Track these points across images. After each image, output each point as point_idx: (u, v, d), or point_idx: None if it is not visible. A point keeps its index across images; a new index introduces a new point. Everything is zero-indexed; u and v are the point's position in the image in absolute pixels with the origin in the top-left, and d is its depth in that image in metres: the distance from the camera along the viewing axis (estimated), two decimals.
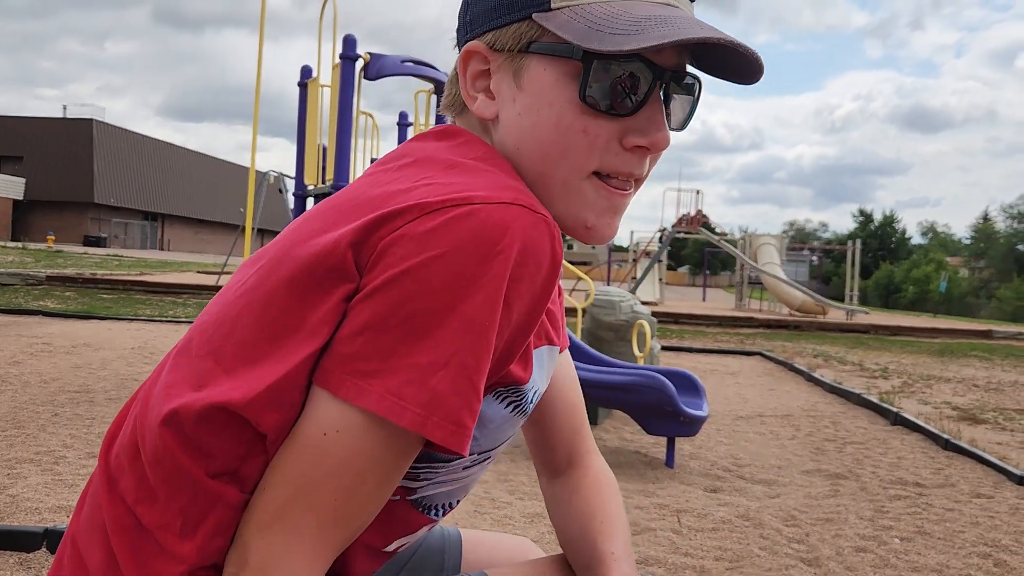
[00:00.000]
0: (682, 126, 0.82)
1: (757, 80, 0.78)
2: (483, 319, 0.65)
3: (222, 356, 0.70)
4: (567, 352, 1.03)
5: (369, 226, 0.66)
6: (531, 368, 0.80)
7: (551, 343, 0.88)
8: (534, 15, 0.74)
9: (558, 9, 0.74)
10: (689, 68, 0.79)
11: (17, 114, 43.20)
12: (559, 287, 0.98)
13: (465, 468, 0.84)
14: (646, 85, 0.74)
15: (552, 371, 0.90)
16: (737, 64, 0.76)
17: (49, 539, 2.36)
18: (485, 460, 0.86)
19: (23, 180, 39.35)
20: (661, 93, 0.76)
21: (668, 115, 0.77)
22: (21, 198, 39.00)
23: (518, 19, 0.75)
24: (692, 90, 0.80)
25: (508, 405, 0.80)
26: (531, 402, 0.83)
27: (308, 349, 0.67)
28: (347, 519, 0.68)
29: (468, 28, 0.80)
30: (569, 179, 0.76)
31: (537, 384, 0.84)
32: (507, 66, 0.77)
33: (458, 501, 0.91)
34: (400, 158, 0.79)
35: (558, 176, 0.76)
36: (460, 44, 0.82)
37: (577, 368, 4.15)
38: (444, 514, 0.90)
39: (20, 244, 28.15)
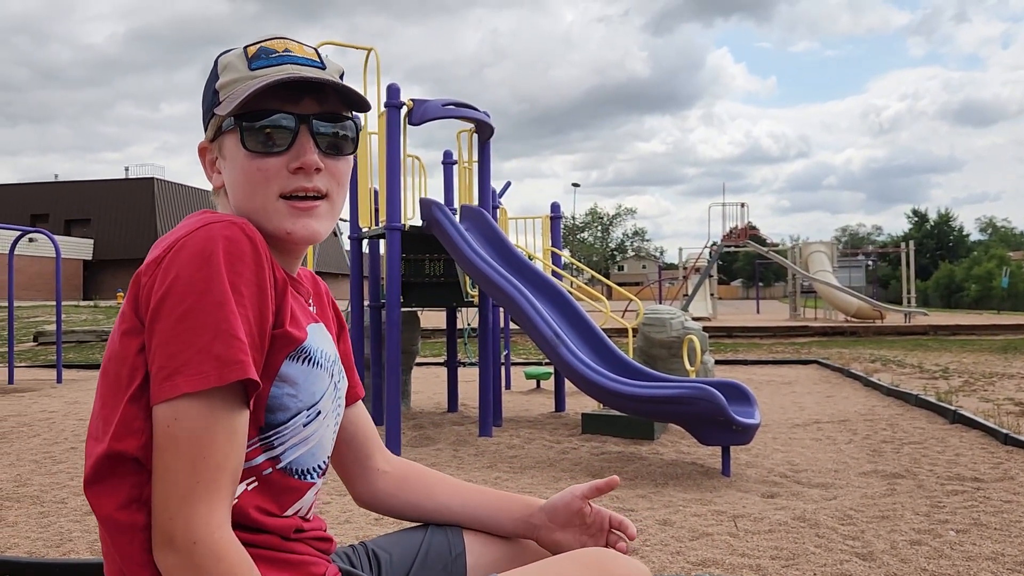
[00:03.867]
0: (339, 149, 1.10)
1: (365, 107, 1.12)
2: (222, 298, 0.94)
3: (99, 414, 1.01)
4: (361, 403, 1.35)
5: (133, 285, 0.98)
6: (305, 332, 1.08)
7: (318, 322, 1.16)
8: (215, 111, 1.09)
9: (223, 101, 1.07)
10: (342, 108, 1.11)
11: (82, 179, 45.05)
12: (329, 298, 1.29)
13: (305, 426, 1.07)
14: (290, 130, 1.05)
15: (330, 343, 1.16)
16: (354, 98, 1.10)
17: None
18: (318, 415, 1.09)
19: (91, 241, 41.01)
20: (309, 130, 1.07)
21: (319, 144, 1.07)
22: (91, 258, 40.62)
23: (210, 117, 1.11)
24: (338, 121, 1.10)
25: (302, 362, 1.06)
26: (323, 357, 1.10)
27: (134, 385, 0.96)
28: (219, 473, 0.94)
29: (203, 127, 1.15)
30: (265, 204, 1.06)
31: (320, 345, 1.10)
32: (217, 148, 1.12)
33: (325, 461, 1.15)
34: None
35: (256, 205, 1.07)
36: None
37: (628, 385, 4.31)
38: (320, 475, 1.14)
39: (92, 302, 29.31)
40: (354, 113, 1.14)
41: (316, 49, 1.13)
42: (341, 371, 1.19)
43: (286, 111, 1.06)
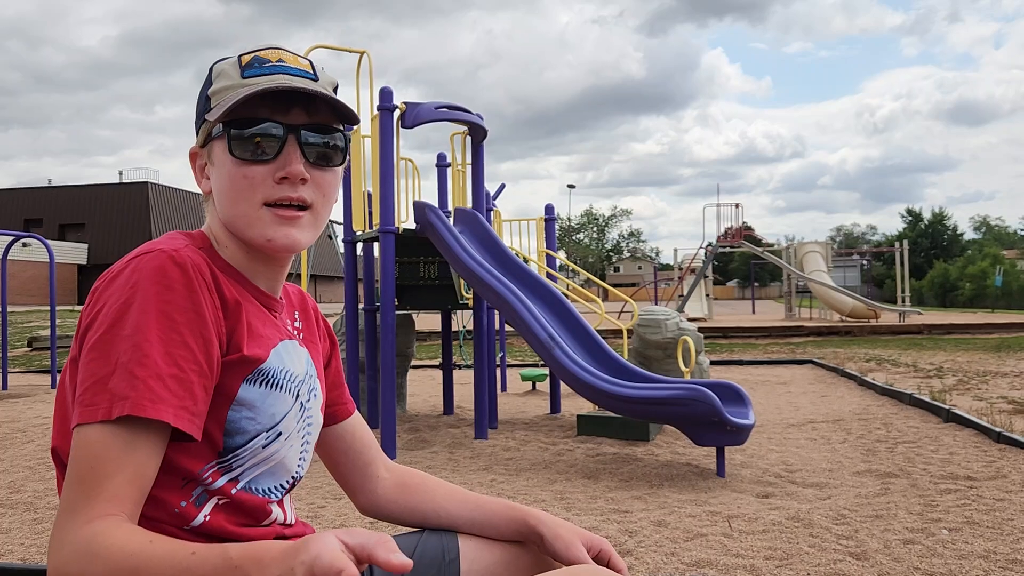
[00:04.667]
0: (327, 160, 1.10)
1: (354, 121, 1.12)
2: (133, 330, 0.94)
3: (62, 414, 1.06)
4: (358, 414, 1.36)
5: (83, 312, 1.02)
6: (267, 351, 1.08)
7: (291, 338, 1.16)
8: (206, 116, 1.09)
9: (214, 107, 1.08)
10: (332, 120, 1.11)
11: (76, 183, 45.03)
12: (318, 315, 1.29)
13: (265, 447, 1.07)
14: (278, 139, 1.06)
15: (303, 361, 1.16)
16: (344, 112, 1.10)
17: None
18: (278, 436, 1.08)
19: (85, 246, 40.94)
20: (297, 140, 1.07)
21: (306, 154, 1.08)
22: (85, 263, 40.55)
23: (202, 122, 1.11)
24: (327, 132, 1.10)
25: (261, 385, 1.06)
26: (286, 378, 1.10)
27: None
28: (115, 491, 0.91)
29: (196, 132, 1.15)
30: (248, 211, 1.07)
31: (286, 365, 1.10)
32: (207, 154, 1.12)
33: (288, 481, 1.15)
34: None
35: (240, 211, 1.07)
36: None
37: (623, 386, 4.31)
38: (284, 494, 1.14)
39: None
40: (344, 126, 1.14)
41: (311, 61, 1.13)
42: (312, 389, 1.17)
43: (275, 120, 1.06)
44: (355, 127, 6.03)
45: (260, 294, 1.13)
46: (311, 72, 1.11)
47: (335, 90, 1.14)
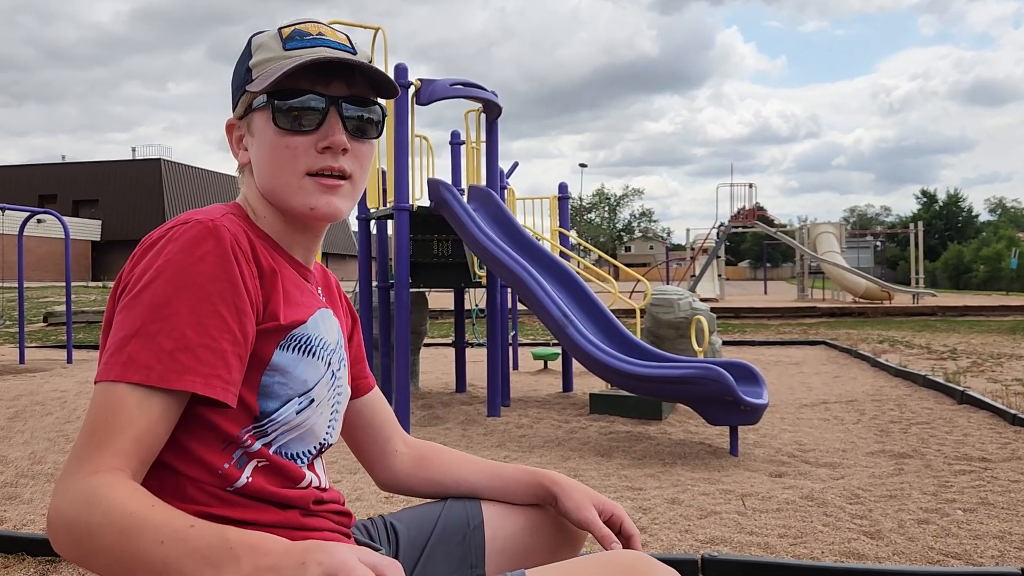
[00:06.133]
0: (364, 132, 1.12)
1: (393, 93, 1.13)
2: (171, 299, 0.96)
3: None
4: (377, 390, 1.38)
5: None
6: (305, 315, 1.10)
7: (325, 307, 1.17)
8: (247, 88, 1.10)
9: (256, 79, 1.09)
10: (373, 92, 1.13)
11: (90, 159, 45.14)
12: (340, 292, 1.31)
13: (298, 413, 1.08)
14: (320, 110, 1.07)
15: (334, 330, 1.17)
16: (383, 83, 1.12)
17: None
18: (311, 403, 1.10)
19: (99, 222, 41.13)
20: (338, 112, 1.08)
21: (346, 126, 1.09)
22: (99, 239, 40.76)
23: (241, 94, 1.12)
24: (366, 105, 1.12)
25: (294, 351, 1.07)
26: (320, 345, 1.11)
27: None
28: (123, 447, 0.93)
29: (232, 105, 1.17)
30: (291, 181, 1.08)
31: (320, 333, 1.12)
32: (246, 125, 1.13)
33: (316, 447, 1.15)
34: None
35: (282, 181, 1.09)
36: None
37: (636, 365, 4.32)
38: (314, 458, 1.15)
39: (100, 283, 29.43)
40: (380, 100, 1.15)
41: (348, 35, 1.14)
42: (342, 359, 1.19)
43: (317, 92, 1.08)
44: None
45: (296, 264, 1.15)
46: (349, 46, 1.12)
47: (370, 63, 1.14)
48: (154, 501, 0.89)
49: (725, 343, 10.44)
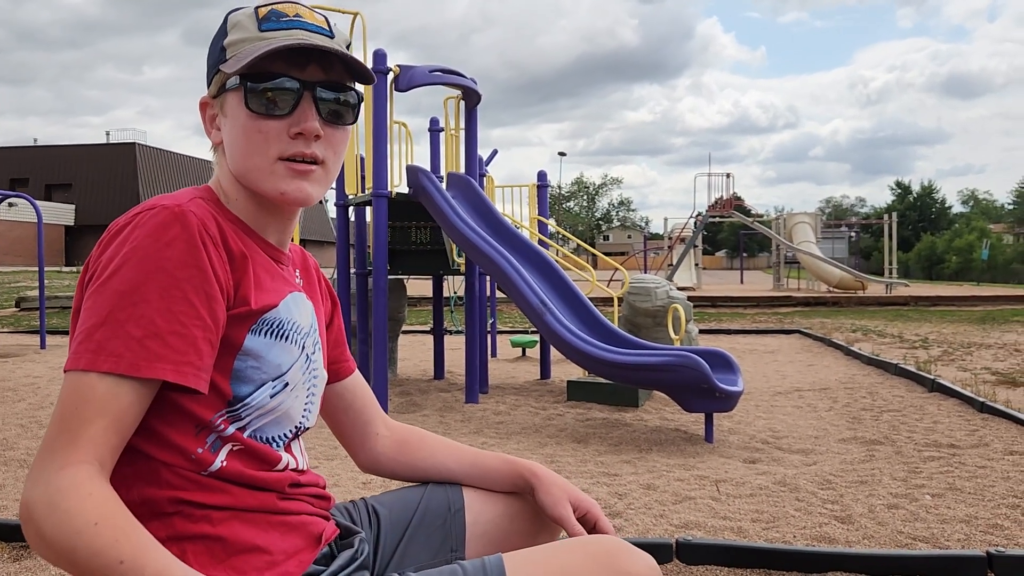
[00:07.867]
0: (339, 117, 1.11)
1: (369, 80, 1.12)
2: (139, 287, 0.95)
3: None
4: (358, 373, 1.38)
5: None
6: (275, 299, 1.09)
7: (299, 291, 1.17)
8: (220, 67, 1.08)
9: (230, 59, 1.07)
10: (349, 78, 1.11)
11: (63, 143, 44.46)
12: (319, 274, 1.30)
13: (272, 397, 1.08)
14: (293, 94, 1.06)
15: (308, 314, 1.16)
16: (359, 69, 1.10)
17: None
18: (285, 387, 1.10)
19: (72, 206, 40.54)
20: (312, 96, 1.07)
21: (320, 111, 1.08)
22: (72, 223, 40.19)
23: (215, 72, 1.10)
24: (342, 90, 1.10)
25: (266, 335, 1.07)
26: (292, 329, 1.11)
27: None
28: (92, 436, 0.93)
29: (207, 83, 1.15)
30: (262, 165, 1.07)
31: (293, 316, 1.11)
32: (218, 105, 1.12)
33: (292, 430, 1.15)
34: None
35: (253, 164, 1.07)
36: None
37: (614, 352, 4.35)
38: (290, 440, 1.15)
39: (74, 268, 29.07)
40: (357, 85, 1.14)
41: (326, 17, 1.12)
42: (316, 343, 1.18)
43: (291, 76, 1.06)
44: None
45: (268, 247, 1.14)
46: (327, 29, 1.10)
47: (348, 48, 1.13)
48: (100, 517, 0.88)
49: (701, 331, 10.52)
